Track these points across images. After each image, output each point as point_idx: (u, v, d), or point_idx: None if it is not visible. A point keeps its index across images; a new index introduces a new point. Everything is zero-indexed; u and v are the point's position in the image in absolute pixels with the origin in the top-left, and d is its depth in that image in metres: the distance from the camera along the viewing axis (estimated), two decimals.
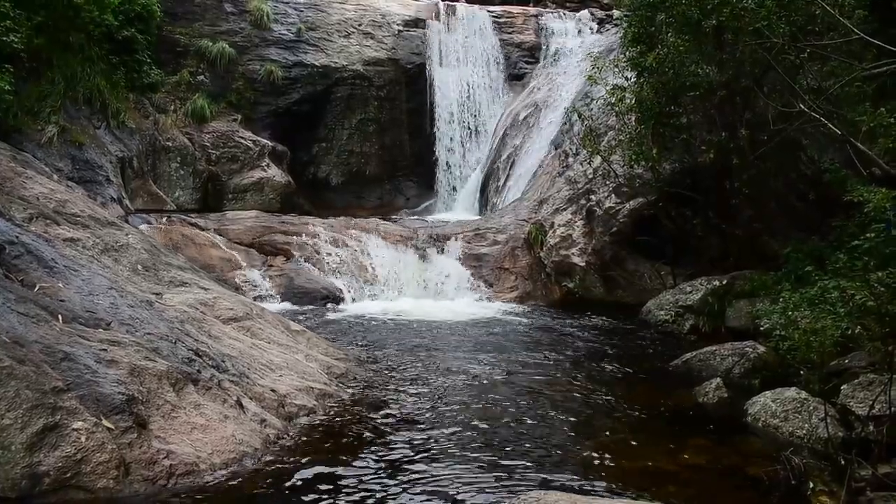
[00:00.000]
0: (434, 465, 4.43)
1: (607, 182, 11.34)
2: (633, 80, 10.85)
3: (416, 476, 4.23)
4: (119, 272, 6.35)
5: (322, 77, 16.45)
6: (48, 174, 9.47)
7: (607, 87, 10.92)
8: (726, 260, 10.16)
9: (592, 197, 11.62)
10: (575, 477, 4.32)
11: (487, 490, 4.04)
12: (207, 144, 14.83)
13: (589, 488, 4.11)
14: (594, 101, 12.30)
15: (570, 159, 12.71)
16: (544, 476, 4.32)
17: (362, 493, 3.97)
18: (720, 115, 9.92)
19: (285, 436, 4.83)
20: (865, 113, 6.35)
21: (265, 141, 15.46)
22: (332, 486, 4.05)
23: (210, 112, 15.07)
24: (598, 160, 11.31)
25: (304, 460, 4.46)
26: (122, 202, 11.84)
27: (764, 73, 8.97)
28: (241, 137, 15.21)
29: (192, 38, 15.72)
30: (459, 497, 3.94)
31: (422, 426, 5.19)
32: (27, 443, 3.59)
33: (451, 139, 17.12)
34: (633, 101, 10.59)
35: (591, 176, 11.68)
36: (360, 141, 16.94)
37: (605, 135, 11.74)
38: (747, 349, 7.10)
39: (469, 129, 17.19)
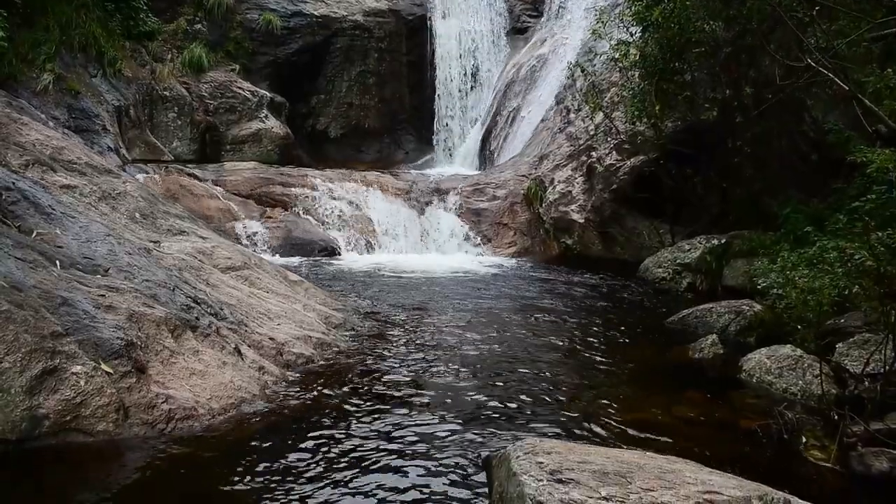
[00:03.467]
0: (430, 413, 4.47)
1: (609, 139, 11.26)
2: (637, 35, 10.68)
3: (413, 424, 4.27)
4: (116, 220, 6.32)
5: (321, 27, 16.20)
6: (44, 122, 9.37)
7: (612, 42, 10.77)
8: (725, 219, 10.15)
9: (593, 154, 11.55)
10: (570, 427, 4.36)
11: (483, 438, 4.09)
12: (205, 94, 14.67)
13: (584, 438, 4.15)
14: (598, 57, 12.12)
15: (572, 115, 12.59)
16: (540, 425, 4.36)
17: (359, 439, 4.01)
18: (725, 73, 9.80)
19: (283, 383, 4.86)
20: (872, 74, 6.27)
21: (263, 92, 15.29)
22: (329, 433, 4.09)
23: (208, 62, 14.87)
24: (599, 116, 11.21)
25: (301, 407, 4.50)
26: (118, 152, 11.75)
27: (771, 30, 8.83)
28: (240, 88, 15.03)
29: None
30: (455, 445, 3.98)
31: (418, 376, 5.23)
32: (26, 386, 3.61)
33: (452, 93, 16.94)
34: (638, 57, 10.44)
35: (592, 132, 11.59)
36: (360, 93, 16.78)
37: (607, 91, 11.61)
38: (744, 307, 7.12)
39: (470, 83, 16.99)
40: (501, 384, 5.15)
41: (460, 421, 4.36)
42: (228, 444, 3.90)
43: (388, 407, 4.57)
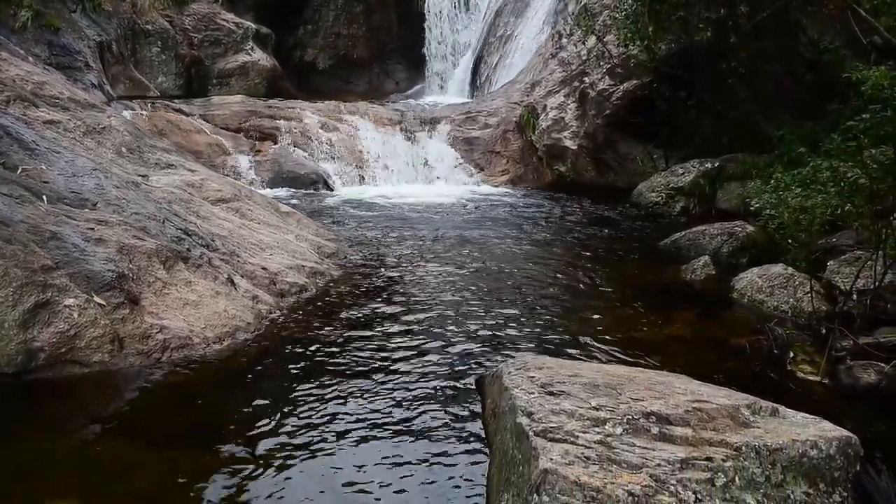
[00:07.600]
0: (425, 338, 4.51)
1: (601, 63, 11.06)
2: None
3: (407, 349, 4.31)
4: (103, 154, 6.23)
5: None
6: (23, 58, 9.15)
7: None
8: (719, 142, 10.05)
9: (586, 79, 11.36)
10: (562, 347, 4.41)
11: (476, 360, 4.13)
12: (188, 27, 14.30)
13: (576, 355, 4.20)
14: None
15: (564, 40, 12.33)
16: (532, 346, 4.41)
17: (353, 365, 4.05)
18: None
19: (277, 311, 4.89)
20: None
21: (248, 23, 14.92)
22: (323, 359, 4.13)
23: None
24: (592, 40, 10.99)
25: (295, 335, 4.53)
26: (103, 88, 11.52)
27: None
28: (224, 20, 14.66)
29: None
30: (448, 367, 4.03)
31: (412, 302, 5.25)
32: (20, 320, 3.62)
33: (441, 20, 16.54)
34: None
35: (584, 57, 11.37)
36: (347, 23, 16.43)
37: (600, 14, 11.34)
38: (736, 229, 7.12)
39: (460, 8, 16.57)
40: (494, 309, 5.18)
41: (453, 345, 4.40)
42: (224, 371, 3.94)
43: (381, 333, 4.60)
